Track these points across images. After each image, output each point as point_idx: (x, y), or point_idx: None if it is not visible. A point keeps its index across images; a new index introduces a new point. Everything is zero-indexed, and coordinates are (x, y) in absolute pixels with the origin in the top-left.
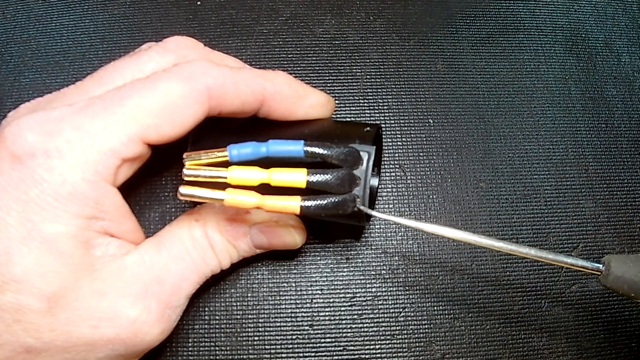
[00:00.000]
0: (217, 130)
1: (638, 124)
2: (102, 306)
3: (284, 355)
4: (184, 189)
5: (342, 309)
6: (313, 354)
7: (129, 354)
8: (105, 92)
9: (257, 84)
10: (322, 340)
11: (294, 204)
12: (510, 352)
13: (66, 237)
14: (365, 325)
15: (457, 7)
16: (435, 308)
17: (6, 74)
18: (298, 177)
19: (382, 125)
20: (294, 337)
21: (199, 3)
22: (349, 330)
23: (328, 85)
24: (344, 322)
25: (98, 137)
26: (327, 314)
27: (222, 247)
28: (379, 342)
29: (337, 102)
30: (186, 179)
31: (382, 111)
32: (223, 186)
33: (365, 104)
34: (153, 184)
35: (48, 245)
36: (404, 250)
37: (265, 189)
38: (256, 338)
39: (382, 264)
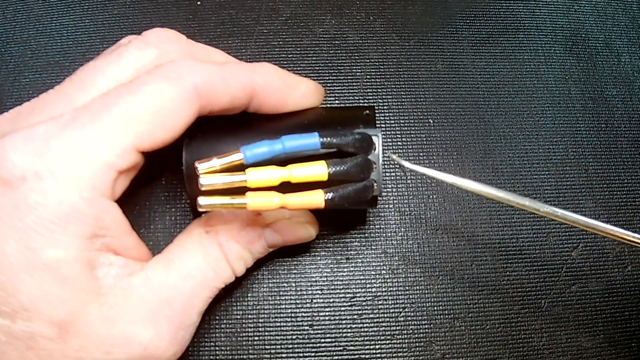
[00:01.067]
0: (211, 131)
1: (638, 124)
2: (112, 333)
3: (284, 355)
4: (203, 200)
5: (342, 309)
6: (313, 354)
7: None
8: (91, 102)
9: (245, 78)
10: (322, 340)
11: (319, 197)
12: (510, 352)
13: (68, 261)
14: (365, 325)
15: (457, 7)
16: (435, 308)
17: (6, 74)
18: (319, 170)
19: (382, 125)
20: (294, 337)
21: (199, 3)
22: (349, 330)
23: (328, 85)
24: (344, 322)
25: (91, 151)
26: (327, 314)
27: (237, 254)
28: (379, 342)
29: (337, 102)
30: (204, 189)
31: (382, 111)
32: (241, 190)
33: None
34: (153, 185)
35: (50, 272)
36: (404, 250)
37: (280, 187)
38: (256, 338)
39: (382, 264)
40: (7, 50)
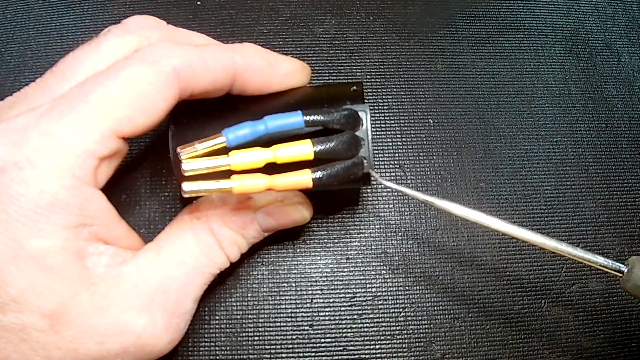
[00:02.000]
0: (197, 116)
1: (638, 124)
2: (105, 322)
3: (284, 355)
4: (187, 186)
5: (342, 309)
6: (313, 354)
7: None
8: (68, 90)
9: (226, 58)
10: (322, 340)
11: (306, 177)
12: (510, 352)
13: (54, 251)
14: (365, 325)
15: (457, 7)
16: (435, 308)
17: (6, 74)
18: (305, 149)
19: (382, 125)
20: (294, 337)
21: (199, 3)
22: (349, 330)
23: None
24: (344, 322)
25: (69, 139)
26: (327, 314)
27: (230, 240)
28: (379, 342)
29: None
30: (187, 174)
31: (382, 111)
32: (226, 174)
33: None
34: (153, 183)
35: (37, 263)
36: (404, 250)
37: (268, 169)
38: (256, 338)
39: (382, 264)
40: (7, 50)
